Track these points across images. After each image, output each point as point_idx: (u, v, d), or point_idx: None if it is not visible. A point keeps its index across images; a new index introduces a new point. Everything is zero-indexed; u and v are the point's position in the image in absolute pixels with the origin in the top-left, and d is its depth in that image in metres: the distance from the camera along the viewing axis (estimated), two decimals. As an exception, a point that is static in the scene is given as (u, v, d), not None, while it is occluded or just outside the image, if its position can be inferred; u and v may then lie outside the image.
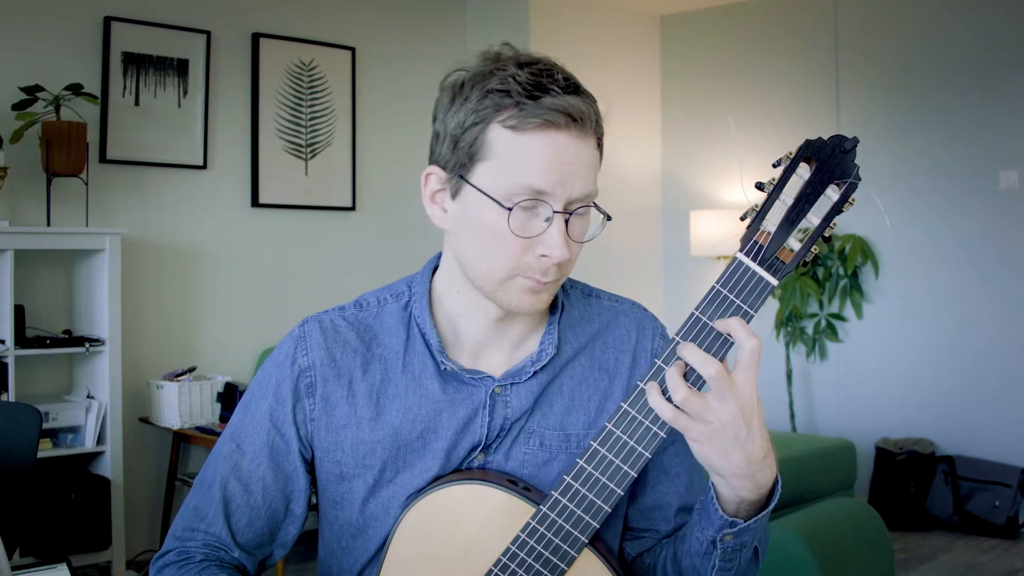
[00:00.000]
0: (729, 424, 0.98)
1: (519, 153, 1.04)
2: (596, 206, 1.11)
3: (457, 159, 1.08)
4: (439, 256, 1.21)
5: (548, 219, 1.05)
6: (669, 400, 1.01)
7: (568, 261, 1.08)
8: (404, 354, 1.17)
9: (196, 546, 1.17)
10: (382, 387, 1.17)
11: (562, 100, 1.04)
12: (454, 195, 1.10)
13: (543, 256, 1.05)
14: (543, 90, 1.04)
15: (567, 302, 1.22)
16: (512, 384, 1.16)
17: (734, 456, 1.00)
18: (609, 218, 1.12)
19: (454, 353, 1.17)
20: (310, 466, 1.20)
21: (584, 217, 1.09)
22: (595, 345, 1.21)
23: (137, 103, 4.12)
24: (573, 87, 1.07)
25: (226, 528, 1.16)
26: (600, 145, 1.11)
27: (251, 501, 1.17)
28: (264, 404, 1.18)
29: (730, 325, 1.00)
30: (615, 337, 1.22)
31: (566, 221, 1.06)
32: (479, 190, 1.06)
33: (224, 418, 3.97)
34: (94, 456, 3.84)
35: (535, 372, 1.16)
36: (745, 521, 1.05)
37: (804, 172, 1.00)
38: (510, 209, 1.04)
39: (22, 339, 3.68)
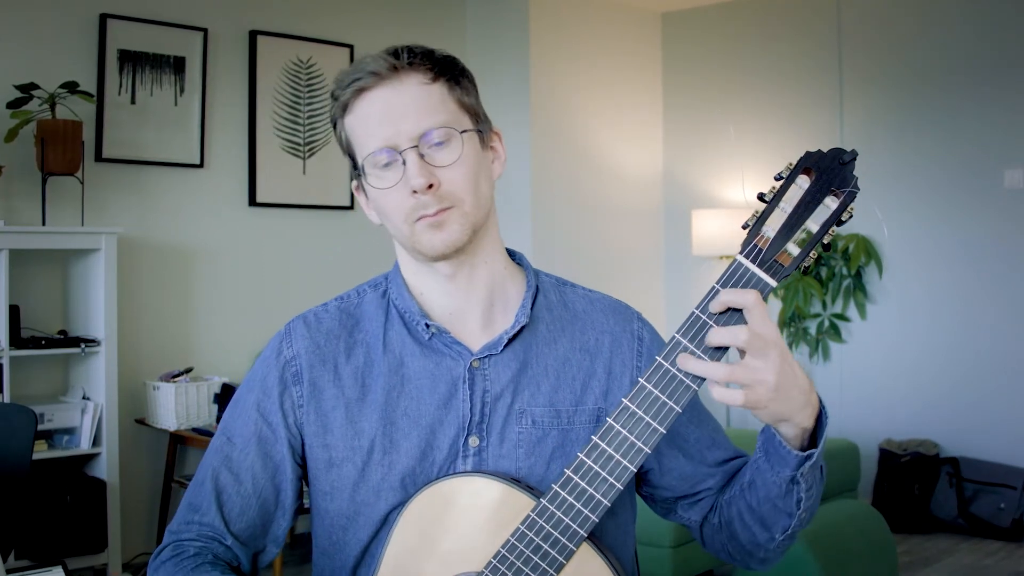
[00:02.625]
0: (781, 372, 1.02)
1: (357, 127, 1.17)
2: (460, 128, 1.17)
3: (351, 164, 1.21)
4: None
5: (403, 163, 1.14)
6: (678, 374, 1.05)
7: (444, 186, 1.14)
8: (384, 335, 1.23)
9: (190, 537, 1.19)
10: (366, 368, 1.22)
11: (363, 65, 1.16)
12: (365, 191, 1.22)
13: (414, 192, 1.13)
14: (358, 69, 1.17)
15: (541, 285, 1.27)
16: (489, 356, 1.20)
17: (793, 396, 1.04)
18: (463, 132, 1.17)
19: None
20: (301, 458, 1.23)
21: (445, 146, 1.15)
22: (575, 327, 1.26)
23: (133, 101, 4.08)
24: (385, 52, 1.17)
25: (219, 517, 1.19)
26: (437, 79, 1.17)
27: (242, 490, 1.20)
28: (252, 397, 1.23)
29: (720, 300, 1.04)
30: (593, 320, 1.28)
31: (421, 155, 1.14)
32: (362, 174, 1.19)
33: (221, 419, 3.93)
34: (90, 458, 3.81)
35: (509, 341, 1.21)
36: (817, 449, 1.09)
37: (803, 183, 1.04)
38: (360, 175, 1.19)
39: (17, 340, 3.66)
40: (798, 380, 1.04)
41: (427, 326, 1.20)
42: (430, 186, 1.13)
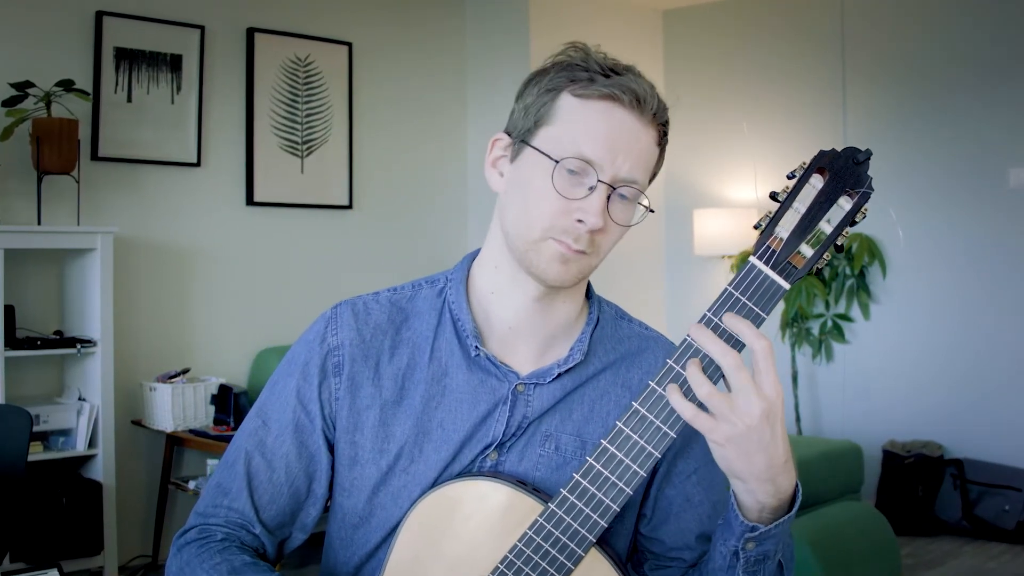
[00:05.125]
0: (755, 425, 0.98)
1: (579, 119, 1.10)
2: (644, 198, 1.14)
3: (525, 125, 1.14)
4: (477, 251, 1.25)
5: (592, 187, 1.09)
6: (690, 398, 1.02)
7: (602, 235, 1.11)
8: (433, 340, 1.19)
9: (218, 523, 1.17)
10: (408, 371, 1.18)
11: (632, 81, 1.10)
12: (513, 159, 1.15)
13: (579, 221, 1.09)
14: (618, 72, 1.11)
15: (602, 318, 1.24)
16: (536, 385, 1.17)
17: (756, 459, 1.00)
18: (652, 210, 1.15)
19: (484, 340, 1.19)
20: (331, 448, 1.21)
21: (627, 203, 1.12)
22: (622, 364, 1.23)
23: (130, 99, 4.05)
24: (648, 82, 1.13)
25: (250, 503, 1.17)
26: (660, 144, 1.15)
27: (274, 478, 1.18)
28: (292, 382, 1.20)
29: (738, 327, 1.01)
30: (642, 360, 1.24)
31: (608, 196, 1.09)
32: (536, 149, 1.12)
33: (219, 421, 3.91)
34: (86, 459, 3.78)
35: (559, 374, 1.18)
36: (766, 526, 1.05)
37: (817, 182, 1.03)
38: (557, 162, 1.09)
39: (12, 340, 3.62)
40: (770, 448, 1.00)
41: (476, 348, 1.17)
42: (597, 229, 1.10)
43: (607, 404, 1.20)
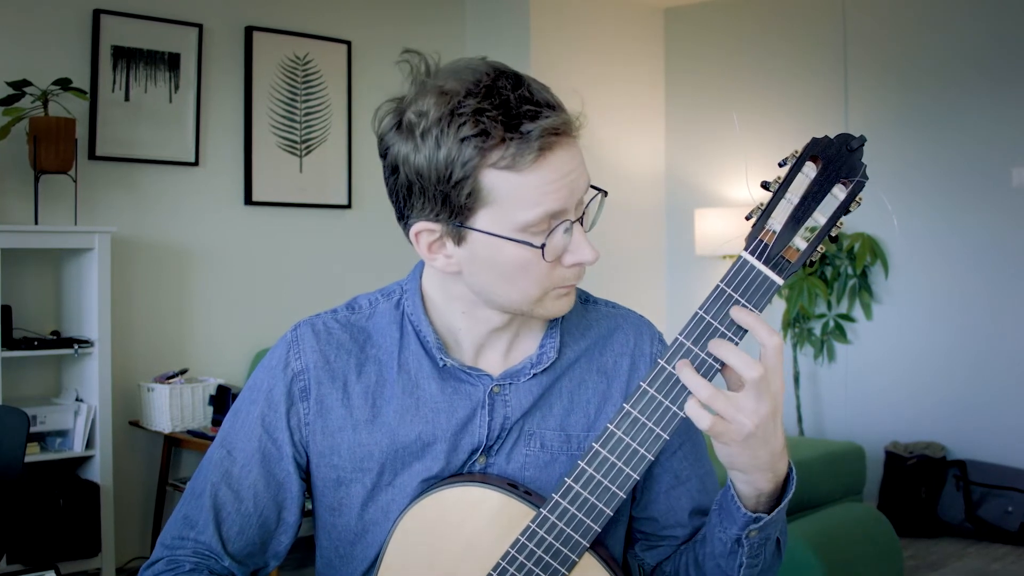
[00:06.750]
0: (763, 424, 0.98)
1: (526, 191, 1.01)
2: (595, 188, 1.10)
3: (450, 210, 1.04)
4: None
5: (567, 229, 1.04)
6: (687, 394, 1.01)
7: None
8: (399, 354, 1.16)
9: (186, 554, 1.14)
10: (377, 388, 1.16)
11: (545, 120, 1.00)
12: (458, 241, 1.06)
13: (575, 264, 1.06)
14: (519, 116, 1.00)
15: None
16: (510, 384, 1.15)
17: (760, 453, 1.00)
18: (606, 193, 1.10)
19: (453, 353, 1.17)
20: (305, 472, 1.19)
21: (591, 205, 1.09)
22: (594, 349, 1.21)
23: (127, 98, 4.03)
24: (543, 97, 1.03)
25: (216, 536, 1.14)
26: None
27: (242, 509, 1.15)
28: (256, 409, 1.17)
29: (749, 322, 0.98)
30: (614, 341, 1.22)
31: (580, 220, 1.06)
32: (495, 235, 1.03)
33: (216, 421, 3.89)
34: (83, 460, 3.76)
35: (535, 374, 1.16)
36: (768, 514, 1.05)
37: (810, 171, 0.99)
38: (543, 246, 1.03)
39: (9, 340, 3.61)
40: (772, 442, 1.00)
41: (443, 360, 1.15)
42: None
43: (585, 393, 1.18)
